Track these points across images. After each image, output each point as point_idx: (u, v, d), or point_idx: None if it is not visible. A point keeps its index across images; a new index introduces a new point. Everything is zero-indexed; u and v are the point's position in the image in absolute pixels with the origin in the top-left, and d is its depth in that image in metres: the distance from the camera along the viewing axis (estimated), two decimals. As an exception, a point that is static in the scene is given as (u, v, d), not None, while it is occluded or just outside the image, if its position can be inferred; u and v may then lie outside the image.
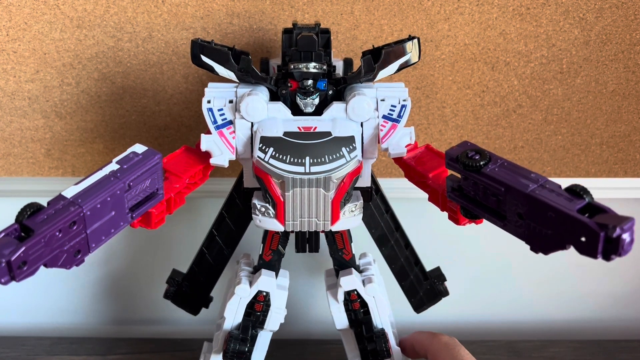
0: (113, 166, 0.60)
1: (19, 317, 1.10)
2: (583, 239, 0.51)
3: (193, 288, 0.83)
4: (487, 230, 1.04)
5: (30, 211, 0.53)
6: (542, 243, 0.56)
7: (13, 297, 1.09)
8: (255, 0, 0.88)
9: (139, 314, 1.10)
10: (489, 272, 1.08)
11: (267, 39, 0.90)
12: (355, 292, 0.75)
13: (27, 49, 0.90)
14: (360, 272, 0.78)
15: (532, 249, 0.57)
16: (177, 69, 0.92)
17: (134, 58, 0.91)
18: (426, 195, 0.72)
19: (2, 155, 0.97)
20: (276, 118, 0.69)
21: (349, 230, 0.76)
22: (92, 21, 0.89)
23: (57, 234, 0.53)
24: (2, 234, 0.51)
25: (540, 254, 0.58)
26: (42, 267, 0.52)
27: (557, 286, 1.09)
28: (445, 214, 0.70)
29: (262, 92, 0.70)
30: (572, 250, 1.01)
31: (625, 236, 0.49)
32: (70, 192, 0.56)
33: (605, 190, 1.00)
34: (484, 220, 0.63)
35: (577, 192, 0.54)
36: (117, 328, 1.10)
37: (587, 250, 0.51)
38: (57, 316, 1.10)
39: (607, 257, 0.50)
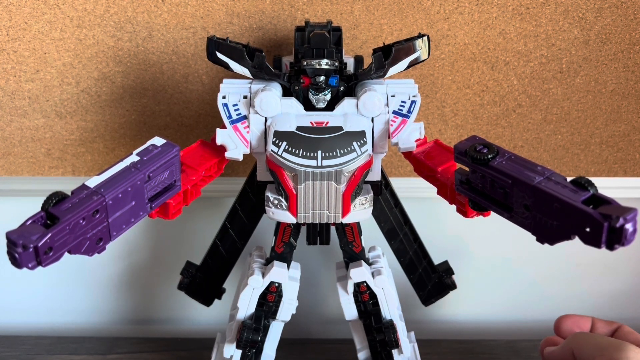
0: (133, 158, 0.62)
1: (19, 317, 1.10)
2: (587, 229, 0.53)
3: (206, 280, 0.84)
4: (486, 231, 1.04)
5: (56, 200, 0.55)
6: (547, 234, 0.57)
7: (13, 296, 1.09)
8: (255, 0, 0.88)
9: (139, 313, 1.10)
10: (489, 272, 1.09)
11: (267, 38, 0.90)
12: (365, 284, 0.77)
13: (27, 48, 0.90)
14: (370, 264, 0.79)
15: (538, 239, 0.58)
16: (176, 68, 0.92)
17: (134, 58, 0.91)
18: (429, 196, 0.73)
19: (2, 154, 0.97)
20: (289, 113, 0.71)
21: (358, 224, 0.78)
22: (92, 21, 0.89)
23: (81, 221, 0.55)
24: (29, 221, 0.53)
25: (542, 250, 0.58)
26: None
27: (557, 286, 1.09)
28: (447, 213, 0.71)
29: (276, 88, 0.72)
30: (572, 251, 1.01)
31: (629, 226, 0.51)
32: (93, 182, 0.58)
33: (605, 189, 0.99)
34: (491, 213, 0.65)
35: (581, 184, 0.56)
36: (117, 327, 1.10)
37: (592, 240, 0.53)
38: (57, 316, 1.10)
39: (610, 247, 0.52)
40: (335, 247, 0.79)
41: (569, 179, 0.58)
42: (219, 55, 0.71)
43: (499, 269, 1.08)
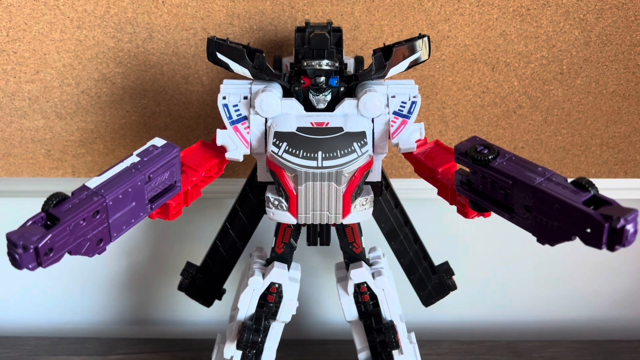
0: (134, 158, 0.62)
1: (20, 318, 1.10)
2: (588, 230, 0.53)
3: (207, 280, 0.84)
4: (487, 232, 1.04)
5: (56, 201, 0.55)
6: (548, 234, 0.57)
7: (13, 297, 1.09)
8: (256, 1, 0.88)
9: (139, 314, 1.10)
10: (490, 273, 1.09)
11: (267, 39, 0.90)
12: (365, 285, 0.77)
13: (27, 49, 0.90)
14: (370, 265, 0.79)
15: (538, 240, 0.58)
16: (177, 69, 0.92)
17: (134, 59, 0.91)
18: (429, 196, 0.73)
19: (2, 155, 0.97)
20: (289, 114, 0.70)
21: (359, 224, 0.77)
22: (92, 22, 0.89)
23: (82, 222, 0.55)
24: (30, 222, 0.53)
25: (543, 251, 0.58)
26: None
27: (557, 286, 1.09)
28: (447, 214, 0.71)
29: (276, 89, 0.71)
30: (572, 251, 1.01)
31: (629, 227, 0.51)
32: (93, 182, 0.58)
33: (605, 190, 0.99)
34: (492, 214, 0.65)
35: (582, 185, 0.56)
36: (117, 328, 1.10)
37: (592, 241, 0.53)
38: (57, 316, 1.10)
39: (611, 248, 0.52)
40: (336, 247, 0.79)
41: (569, 180, 0.58)
42: (219, 56, 0.72)
43: (500, 269, 1.08)
